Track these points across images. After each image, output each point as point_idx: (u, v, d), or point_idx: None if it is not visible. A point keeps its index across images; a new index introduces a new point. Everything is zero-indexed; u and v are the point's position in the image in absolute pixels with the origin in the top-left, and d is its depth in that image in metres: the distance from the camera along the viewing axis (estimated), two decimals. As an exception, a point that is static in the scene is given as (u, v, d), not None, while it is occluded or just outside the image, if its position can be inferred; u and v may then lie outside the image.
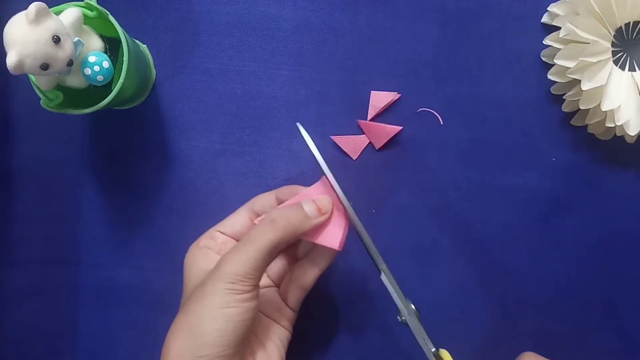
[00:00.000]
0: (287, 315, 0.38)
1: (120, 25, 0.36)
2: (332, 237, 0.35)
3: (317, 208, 0.35)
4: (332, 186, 0.35)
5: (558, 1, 0.41)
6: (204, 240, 0.38)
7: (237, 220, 0.38)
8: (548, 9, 0.41)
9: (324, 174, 0.35)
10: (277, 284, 0.39)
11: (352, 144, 0.43)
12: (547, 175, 0.42)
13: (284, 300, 0.38)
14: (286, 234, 0.34)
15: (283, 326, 0.38)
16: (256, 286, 0.33)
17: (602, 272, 0.42)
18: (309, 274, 0.37)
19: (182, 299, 0.36)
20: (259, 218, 0.37)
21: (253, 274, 0.33)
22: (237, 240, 0.38)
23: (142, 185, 0.44)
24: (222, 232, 0.38)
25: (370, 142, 0.43)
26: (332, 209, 0.36)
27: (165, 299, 0.44)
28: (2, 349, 0.44)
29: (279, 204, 0.37)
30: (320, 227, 0.35)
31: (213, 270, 0.33)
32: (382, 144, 0.42)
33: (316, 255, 0.37)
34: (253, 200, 0.39)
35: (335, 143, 0.43)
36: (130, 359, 0.44)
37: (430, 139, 0.42)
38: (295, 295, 0.38)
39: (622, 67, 0.39)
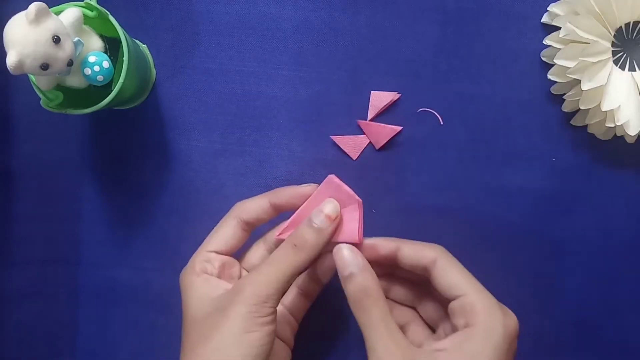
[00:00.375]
0: (294, 330, 0.38)
1: (120, 25, 0.36)
2: (350, 233, 0.36)
3: (326, 217, 0.35)
4: (340, 183, 0.36)
5: (558, 1, 0.41)
6: (199, 264, 0.36)
7: (227, 234, 0.37)
8: (548, 9, 0.41)
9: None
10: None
11: (352, 144, 0.43)
12: (547, 175, 0.42)
13: (291, 312, 0.38)
14: (308, 256, 0.34)
15: (288, 343, 0.38)
16: (275, 309, 0.33)
17: (602, 272, 0.42)
18: (316, 287, 0.38)
19: (184, 328, 0.35)
20: (279, 234, 0.37)
21: (275, 295, 0.32)
22: (232, 256, 0.37)
23: (142, 185, 0.44)
24: (216, 252, 0.37)
25: (370, 142, 0.43)
26: (340, 210, 0.36)
27: (165, 299, 0.44)
28: (2, 349, 0.44)
29: (275, 209, 0.37)
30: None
31: (233, 294, 0.33)
32: (382, 144, 0.42)
33: (321, 266, 0.37)
34: (237, 209, 0.37)
35: (335, 143, 0.43)
36: (130, 359, 0.44)
37: (430, 139, 0.42)
38: (304, 308, 0.38)
39: (622, 67, 0.39)
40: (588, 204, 0.42)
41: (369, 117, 0.42)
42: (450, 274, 0.34)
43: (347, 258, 0.34)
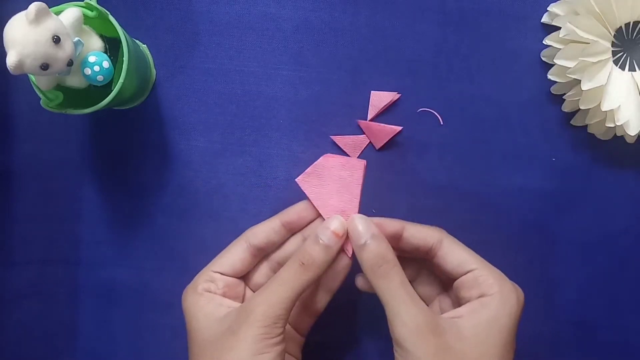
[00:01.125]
0: (300, 344, 0.38)
1: (120, 25, 0.36)
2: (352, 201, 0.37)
3: (333, 233, 0.35)
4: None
5: (558, 1, 0.41)
6: (202, 284, 0.35)
7: (235, 257, 0.37)
8: (548, 9, 0.41)
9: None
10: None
11: (352, 144, 0.43)
12: (547, 175, 0.42)
13: (295, 328, 0.38)
14: (316, 274, 0.34)
15: (296, 357, 0.37)
16: (284, 328, 0.33)
17: (602, 272, 0.42)
18: (322, 300, 0.37)
19: (192, 349, 0.34)
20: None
21: (285, 315, 0.32)
22: (240, 280, 0.37)
23: (142, 185, 0.44)
24: (222, 274, 0.36)
25: (370, 142, 0.43)
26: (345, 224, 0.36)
27: (165, 299, 0.44)
28: (2, 349, 0.44)
29: (287, 229, 0.37)
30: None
31: (242, 315, 0.32)
32: (382, 144, 0.42)
33: (326, 280, 0.37)
34: (247, 233, 0.37)
35: (335, 143, 0.43)
36: (130, 359, 0.44)
37: (430, 139, 0.42)
38: (308, 323, 0.38)
39: (622, 67, 0.39)
40: (588, 204, 0.42)
41: (369, 117, 0.42)
42: (459, 251, 0.35)
43: (360, 227, 0.34)
